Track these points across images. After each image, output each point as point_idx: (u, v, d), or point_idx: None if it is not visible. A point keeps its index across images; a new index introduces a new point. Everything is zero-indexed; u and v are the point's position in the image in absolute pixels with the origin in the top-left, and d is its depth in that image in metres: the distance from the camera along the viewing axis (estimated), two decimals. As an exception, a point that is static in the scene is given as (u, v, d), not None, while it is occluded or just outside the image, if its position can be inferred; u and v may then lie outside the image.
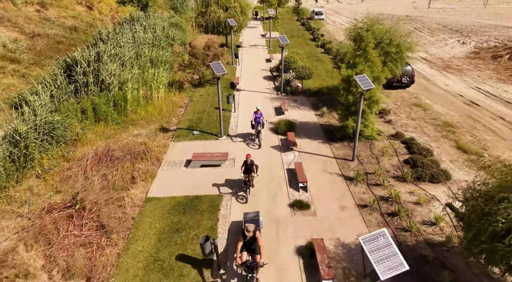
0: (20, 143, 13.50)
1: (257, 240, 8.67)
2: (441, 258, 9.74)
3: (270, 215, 11.74)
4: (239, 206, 12.15)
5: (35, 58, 21.43)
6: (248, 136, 17.27)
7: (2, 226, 11.11)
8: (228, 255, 10.14)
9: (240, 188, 13.11)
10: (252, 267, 8.54)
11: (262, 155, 15.43)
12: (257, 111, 16.15)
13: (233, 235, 10.82)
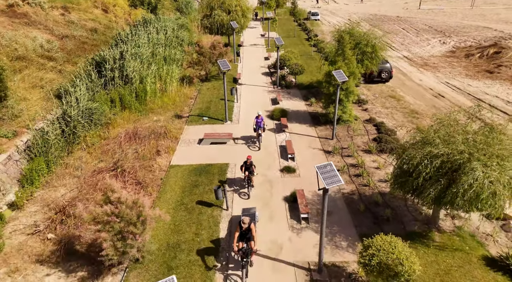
0: (70, 123, 17.23)
1: (251, 231, 10.07)
2: (388, 202, 13.44)
3: (265, 177, 15.44)
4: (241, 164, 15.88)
5: (67, 57, 25.09)
6: (248, 124, 20.96)
7: (65, 182, 14.86)
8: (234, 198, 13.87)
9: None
10: (247, 253, 9.88)
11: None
12: (258, 117, 17.41)
13: (237, 185, 14.54)
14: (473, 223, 12.12)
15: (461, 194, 9.15)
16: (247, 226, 9.91)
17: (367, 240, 9.28)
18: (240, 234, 10.09)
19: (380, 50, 22.19)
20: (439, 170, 9.79)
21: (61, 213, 12.73)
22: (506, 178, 9.10)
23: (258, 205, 13.37)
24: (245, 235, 10.11)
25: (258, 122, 17.42)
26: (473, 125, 10.60)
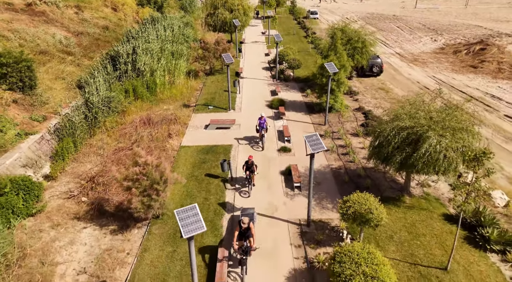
0: (92, 109, 19.48)
1: (250, 230, 10.51)
2: (369, 174, 15.65)
3: (264, 156, 17.66)
4: (244, 150, 18.13)
5: (83, 52, 27.33)
6: (250, 112, 23.16)
7: (90, 159, 17.12)
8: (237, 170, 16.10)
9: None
10: (246, 250, 10.32)
11: (259, 121, 21.33)
12: (261, 118, 17.70)
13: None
14: (439, 190, 14.34)
15: (420, 157, 11.37)
16: (246, 226, 10.39)
17: (346, 197, 11.51)
18: (240, 233, 10.53)
19: (369, 46, 24.39)
20: (405, 140, 12.02)
21: (91, 182, 15.00)
22: (456, 145, 11.31)
23: (257, 177, 15.62)
24: (244, 234, 10.53)
25: (261, 123, 17.62)
26: (435, 104, 12.80)
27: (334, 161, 17.06)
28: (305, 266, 11.07)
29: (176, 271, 10.89)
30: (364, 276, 8.74)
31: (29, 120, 17.89)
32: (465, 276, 10.32)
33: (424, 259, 11.01)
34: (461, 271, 10.50)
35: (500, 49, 32.89)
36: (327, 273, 10.41)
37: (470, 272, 10.43)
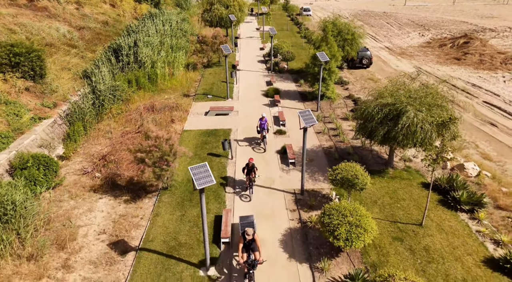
0: (99, 96, 20.74)
1: (255, 241, 9.85)
2: (357, 152, 17.19)
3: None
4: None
5: (86, 45, 28.48)
6: (246, 100, 24.58)
7: (99, 142, 18.42)
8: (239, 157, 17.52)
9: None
10: (253, 264, 9.73)
11: (256, 109, 22.80)
12: (262, 118, 17.26)
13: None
14: (419, 164, 15.93)
15: (400, 130, 12.92)
16: (251, 237, 9.73)
17: (335, 166, 13.01)
18: (244, 245, 9.89)
19: (358, 38, 25.96)
20: (387, 116, 13.56)
21: (102, 160, 16.32)
22: (431, 119, 12.88)
23: (256, 157, 17.05)
24: (249, 246, 9.92)
25: (262, 124, 17.22)
26: (414, 85, 14.37)
27: (326, 142, 18.58)
28: (299, 225, 12.55)
29: (186, 230, 12.31)
30: (349, 225, 10.25)
31: (40, 106, 19.10)
32: (437, 229, 11.89)
33: (403, 218, 12.57)
34: (434, 226, 12.07)
35: (483, 43, 34.73)
36: (318, 230, 11.92)
37: (441, 227, 12.01)
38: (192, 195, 14.30)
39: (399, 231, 11.95)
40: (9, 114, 17.15)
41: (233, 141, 18.75)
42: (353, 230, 10.16)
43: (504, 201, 13.20)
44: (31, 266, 10.69)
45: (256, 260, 9.83)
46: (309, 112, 13.09)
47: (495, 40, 37.88)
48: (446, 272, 10.25)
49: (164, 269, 10.76)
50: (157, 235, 12.17)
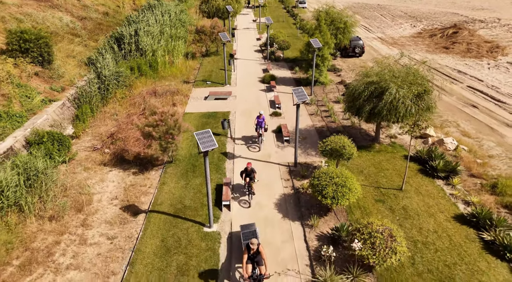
0: (104, 81, 21.89)
1: (260, 254, 9.15)
2: (347, 131, 18.53)
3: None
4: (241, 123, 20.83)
5: (89, 35, 29.49)
6: (244, 86, 25.79)
7: (106, 123, 19.62)
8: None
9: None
10: (259, 279, 9.04)
11: (254, 93, 24.05)
12: (260, 116, 16.91)
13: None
14: (403, 140, 17.30)
15: (384, 105, 14.25)
16: (255, 249, 9.08)
17: (325, 139, 14.34)
18: (248, 257, 9.21)
19: (350, 26, 27.19)
20: (373, 93, 14.89)
21: (111, 138, 17.56)
22: (411, 95, 14.21)
23: (252, 134, 18.35)
24: (253, 258, 9.23)
25: (259, 122, 16.88)
26: (398, 65, 15.69)
27: (318, 122, 19.91)
28: (292, 191, 13.90)
29: (190, 196, 13.63)
30: (336, 185, 11.61)
31: (49, 90, 20.25)
32: (415, 193, 13.30)
33: (386, 184, 13.96)
34: (412, 190, 13.48)
35: (471, 33, 36.05)
36: (309, 195, 13.29)
37: (419, 191, 13.42)
38: (195, 167, 15.60)
39: (382, 194, 13.34)
40: (22, 96, 18.31)
41: (232, 121, 20.04)
42: (339, 190, 11.52)
43: (478, 170, 14.62)
44: (53, 225, 11.98)
45: (262, 274, 9.05)
46: (302, 89, 14.38)
47: (483, 31, 39.22)
48: (420, 226, 11.66)
49: (172, 226, 12.10)
50: (164, 200, 13.48)
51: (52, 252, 10.98)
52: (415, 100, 13.36)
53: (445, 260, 10.33)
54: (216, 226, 12.07)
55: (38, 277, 10.14)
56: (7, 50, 20.50)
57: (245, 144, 17.65)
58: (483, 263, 10.18)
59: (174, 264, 10.58)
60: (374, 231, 9.57)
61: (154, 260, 10.73)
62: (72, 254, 10.97)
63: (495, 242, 10.60)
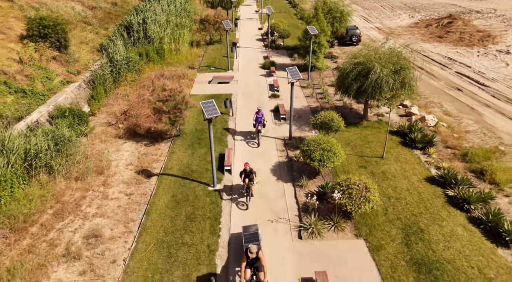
0: (116, 66, 23.68)
1: (260, 260, 8.96)
2: (339, 110, 20.18)
3: (258, 101, 22.13)
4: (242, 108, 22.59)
5: (99, 23, 31.19)
6: (245, 71, 27.47)
7: (119, 102, 21.46)
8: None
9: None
10: None
11: (255, 78, 25.76)
12: (258, 112, 16.71)
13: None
14: (389, 118, 18.98)
15: (370, 84, 15.95)
16: (254, 256, 8.84)
17: (317, 114, 16.07)
18: (248, 263, 9.06)
19: (347, 15, 28.69)
20: (360, 73, 16.58)
21: (124, 115, 19.41)
22: (389, 72, 15.90)
23: (252, 114, 20.07)
24: (252, 264, 9.08)
25: (258, 117, 16.77)
26: (384, 48, 17.33)
27: (313, 103, 21.63)
28: (286, 160, 15.72)
29: (196, 163, 15.49)
30: (322, 150, 13.40)
31: (66, 72, 22.08)
32: (394, 160, 15.07)
33: (369, 154, 15.73)
34: (392, 158, 15.24)
35: (465, 22, 37.32)
36: (301, 162, 15.09)
37: (398, 158, 15.18)
38: (200, 140, 17.44)
39: (365, 162, 15.12)
40: (43, 78, 20.15)
41: (234, 102, 21.81)
42: (325, 154, 13.31)
43: (453, 142, 16.33)
44: (79, 184, 13.89)
45: (260, 280, 8.95)
46: (295, 69, 16.10)
47: (478, 21, 40.42)
48: (395, 186, 13.45)
49: (181, 186, 13.97)
50: (173, 165, 15.35)
51: (80, 204, 12.91)
52: (393, 77, 15.07)
53: (413, 210, 12.14)
54: (219, 186, 13.93)
55: (69, 222, 12.08)
56: (27, 36, 22.29)
57: (245, 122, 19.44)
58: (444, 212, 11.98)
59: (183, 213, 12.47)
60: (352, 184, 11.37)
61: (166, 211, 12.63)
62: (97, 206, 12.90)
63: (456, 197, 12.37)
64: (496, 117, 19.24)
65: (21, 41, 22.17)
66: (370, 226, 11.57)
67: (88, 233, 11.59)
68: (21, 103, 17.35)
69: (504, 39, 33.34)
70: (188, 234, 11.52)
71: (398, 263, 10.19)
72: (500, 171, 13.61)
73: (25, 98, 17.86)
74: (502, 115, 19.38)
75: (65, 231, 11.69)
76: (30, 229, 11.58)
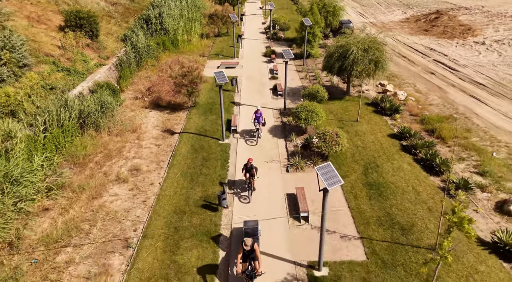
0: (138, 52, 27.77)
1: (255, 252, 9.51)
2: (328, 88, 24.06)
3: (260, 82, 26.08)
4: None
5: (121, 17, 35.31)
6: (250, 59, 31.40)
7: (142, 82, 25.55)
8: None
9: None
10: (251, 275, 9.45)
11: (257, 64, 29.70)
12: (257, 111, 17.59)
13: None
14: (368, 93, 22.82)
15: (349, 63, 19.82)
16: (249, 248, 9.49)
17: (306, 87, 19.98)
18: (243, 255, 9.68)
19: (339, 10, 32.51)
20: (341, 54, 20.44)
21: (148, 91, 23.47)
22: (360, 50, 19.75)
23: (254, 91, 24.05)
24: (248, 255, 9.71)
25: (257, 117, 17.56)
26: (363, 35, 21.21)
27: (306, 83, 25.53)
28: (281, 124, 19.66)
29: (209, 125, 19.50)
30: (307, 111, 17.32)
31: (98, 57, 26.19)
32: (366, 123, 18.95)
33: (347, 119, 19.61)
34: (364, 121, 19.12)
35: (450, 17, 40.81)
36: (292, 125, 19.00)
37: (369, 122, 19.06)
38: (211, 110, 21.43)
39: (342, 124, 19.02)
40: (80, 60, 24.27)
41: (239, 83, 25.79)
42: (309, 114, 17.23)
43: (416, 112, 20.14)
44: (119, 138, 17.97)
45: (255, 270, 9.59)
46: (289, 50, 20.03)
47: (465, 16, 43.86)
48: (364, 139, 17.35)
49: (198, 140, 18.00)
50: (191, 127, 19.37)
51: (121, 151, 16.98)
52: (364, 55, 18.98)
53: (373, 154, 16.05)
54: (227, 140, 17.93)
55: (116, 162, 16.15)
56: (65, 26, 26.40)
57: (248, 97, 23.37)
58: (397, 155, 15.88)
59: (200, 156, 16.49)
60: (326, 132, 15.29)
61: (187, 155, 16.66)
62: (134, 152, 16.97)
63: (408, 145, 16.24)
64: (458, 94, 22.99)
65: (60, 30, 26.31)
66: (340, 164, 15.49)
67: (130, 167, 15.66)
68: (67, 79, 21.47)
69: (483, 32, 36.87)
70: (205, 168, 15.55)
71: (356, 184, 14.12)
72: (446, 130, 17.43)
73: (70, 75, 21.97)
74: (464, 93, 23.12)
75: (113, 167, 15.76)
76: (88, 165, 15.68)
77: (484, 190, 13.52)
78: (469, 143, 16.87)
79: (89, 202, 13.40)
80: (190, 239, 11.78)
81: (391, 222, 12.22)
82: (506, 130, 18.14)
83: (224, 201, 12.98)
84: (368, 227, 12.05)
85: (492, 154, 15.91)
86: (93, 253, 11.24)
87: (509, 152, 16.21)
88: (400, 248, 11.13)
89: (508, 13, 44.68)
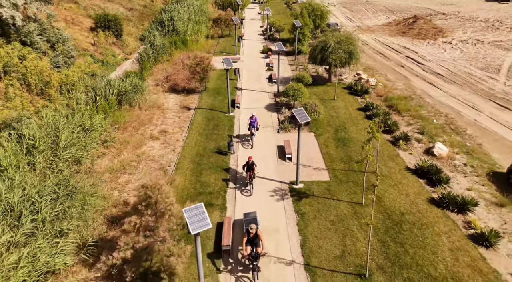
0: (156, 49, 33.00)
1: (258, 236, 10.97)
2: (314, 77, 29.21)
3: (258, 73, 31.28)
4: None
5: (137, 20, 40.60)
6: (249, 55, 36.66)
7: (160, 73, 30.72)
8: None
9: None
10: (256, 256, 10.73)
11: (256, 59, 34.97)
12: (252, 117, 18.75)
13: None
14: (347, 81, 28.01)
15: (328, 55, 25.03)
16: (254, 232, 10.65)
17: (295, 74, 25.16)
18: (248, 240, 10.80)
19: (326, 14, 37.93)
20: (323, 48, 25.67)
21: (166, 79, 28.62)
22: (334, 43, 24.97)
23: (253, 79, 29.23)
24: (252, 241, 10.79)
25: (252, 122, 18.68)
26: (342, 32, 26.51)
27: (295, 73, 30.71)
28: (274, 102, 24.81)
29: (217, 103, 24.64)
30: (294, 90, 22.44)
31: (123, 53, 31.37)
32: (341, 100, 24.13)
33: (327, 98, 24.78)
34: (340, 100, 24.28)
35: (425, 21, 46.25)
36: (284, 103, 24.11)
37: (343, 100, 24.24)
38: (219, 93, 26.57)
39: (322, 101, 24.15)
40: (110, 55, 29.45)
41: (240, 71, 30.97)
42: (296, 92, 22.35)
43: (382, 93, 25.31)
44: (147, 112, 23.04)
45: (258, 252, 10.71)
46: (281, 44, 25.25)
47: (440, 21, 49.33)
48: (337, 112, 22.50)
49: (209, 113, 23.12)
50: (203, 104, 24.49)
51: (151, 120, 22.05)
52: (339, 47, 24.29)
53: (343, 121, 21.20)
54: (232, 113, 23.03)
55: (147, 127, 21.21)
56: (95, 27, 31.62)
57: (248, 84, 28.51)
58: (361, 121, 21.05)
59: (211, 124, 21.58)
60: (308, 103, 20.40)
61: (201, 122, 21.75)
62: (161, 121, 22.04)
63: (370, 115, 21.39)
64: (419, 82, 28.21)
65: (91, 31, 31.53)
66: (318, 127, 20.60)
67: (160, 130, 20.74)
68: (102, 69, 26.61)
69: (453, 34, 42.29)
70: (216, 131, 20.65)
71: (328, 139, 19.24)
72: (402, 105, 22.59)
73: (104, 66, 27.12)
74: (424, 81, 28.35)
75: (147, 130, 20.84)
76: (128, 129, 20.74)
77: (420, 142, 18.64)
78: (418, 114, 22.03)
79: (133, 150, 18.45)
80: (209, 170, 16.84)
81: (349, 160, 17.30)
82: (448, 105, 23.33)
83: (231, 147, 18.07)
84: (333, 163, 17.14)
85: (433, 121, 21.06)
86: (142, 177, 16.26)
87: (446, 119, 21.37)
88: (352, 173, 16.21)
89: (479, 18, 50.29)
